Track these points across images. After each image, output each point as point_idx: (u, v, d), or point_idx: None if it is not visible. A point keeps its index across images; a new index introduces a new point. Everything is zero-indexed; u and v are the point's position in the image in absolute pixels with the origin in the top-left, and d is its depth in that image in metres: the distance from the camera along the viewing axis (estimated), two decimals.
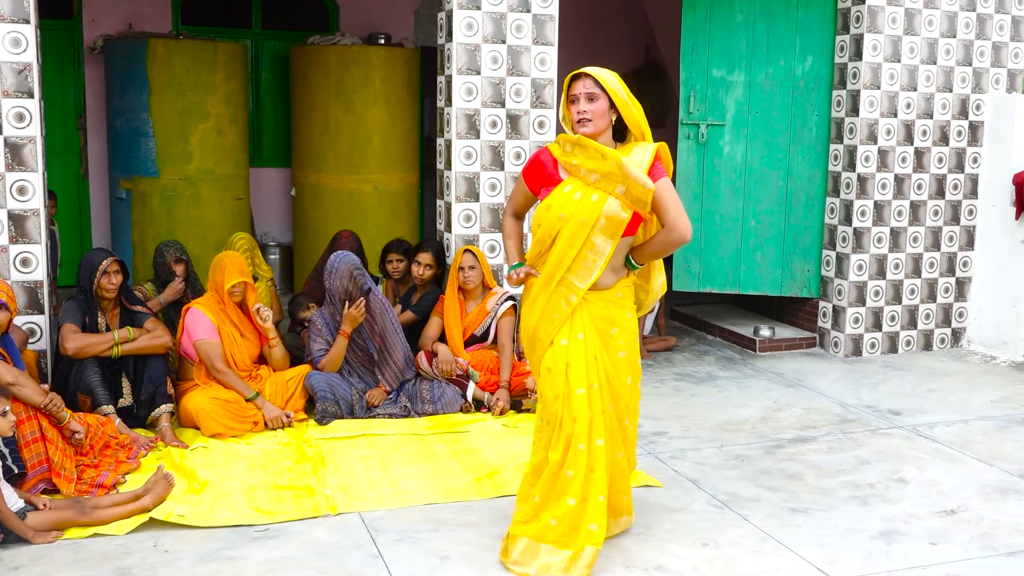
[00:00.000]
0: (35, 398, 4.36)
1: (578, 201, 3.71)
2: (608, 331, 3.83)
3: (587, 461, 3.73)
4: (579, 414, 3.73)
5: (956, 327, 7.53)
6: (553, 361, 3.78)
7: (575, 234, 3.69)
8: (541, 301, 3.79)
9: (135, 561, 3.78)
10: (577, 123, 3.75)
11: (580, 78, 3.75)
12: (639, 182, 3.65)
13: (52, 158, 8.52)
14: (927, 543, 4.09)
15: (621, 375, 3.87)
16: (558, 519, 3.72)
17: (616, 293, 3.86)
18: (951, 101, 7.23)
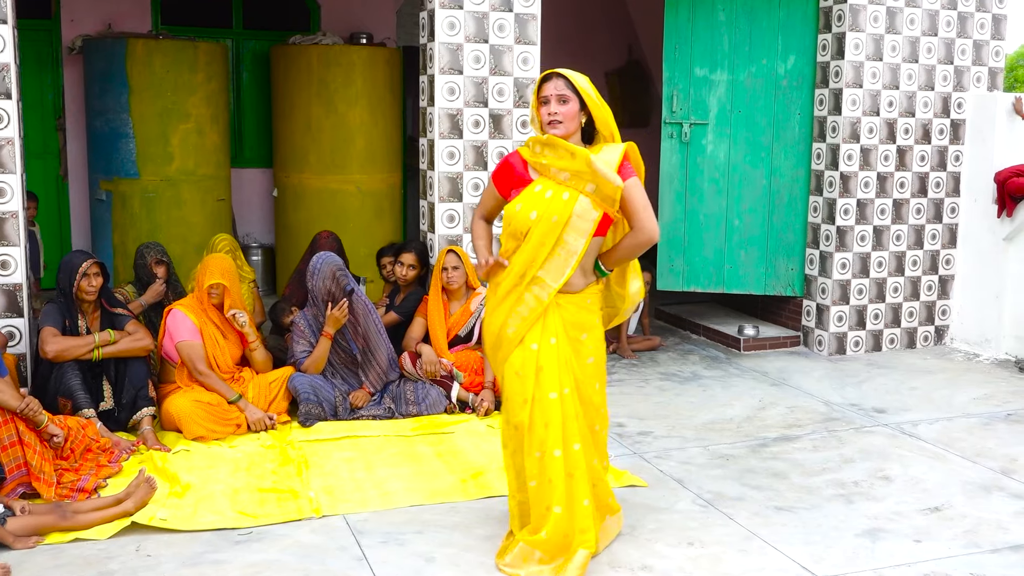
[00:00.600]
0: (11, 403, 4.31)
1: (549, 200, 3.69)
2: (578, 337, 3.81)
3: (565, 467, 3.71)
4: (553, 419, 3.70)
5: (939, 325, 7.55)
6: (522, 365, 3.74)
7: (547, 232, 3.67)
8: (511, 299, 3.75)
9: (117, 566, 3.75)
10: (547, 124, 3.73)
11: (551, 79, 3.74)
12: (608, 179, 3.64)
13: (31, 160, 8.45)
14: (911, 541, 4.09)
15: (591, 381, 3.86)
16: (549, 531, 3.69)
17: (586, 299, 3.83)
18: (933, 99, 7.26)
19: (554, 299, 3.75)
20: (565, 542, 3.71)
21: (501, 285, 3.78)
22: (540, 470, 3.72)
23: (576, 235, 3.69)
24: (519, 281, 3.73)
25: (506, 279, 3.76)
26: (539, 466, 3.72)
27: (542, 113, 3.76)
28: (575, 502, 3.72)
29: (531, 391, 3.73)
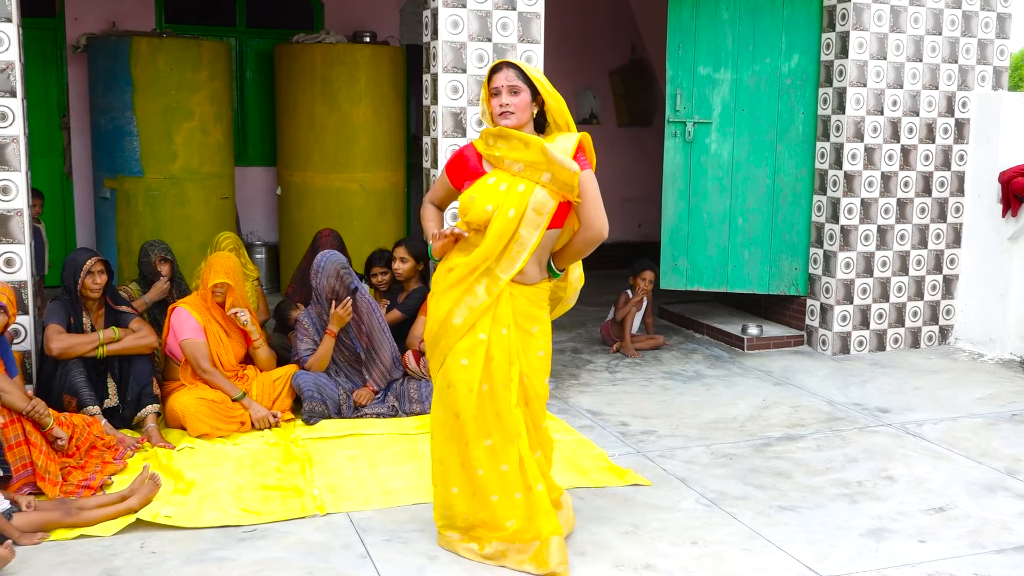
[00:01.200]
0: (19, 404, 4.33)
1: (504, 192, 3.65)
2: (529, 329, 3.78)
3: (519, 452, 3.72)
4: (504, 409, 3.69)
5: (943, 324, 7.55)
6: (470, 353, 3.71)
7: (504, 227, 3.62)
8: (460, 289, 3.70)
9: (122, 563, 3.75)
10: (499, 116, 3.68)
11: (502, 69, 3.70)
12: (565, 166, 3.59)
13: (35, 158, 8.46)
14: (916, 541, 4.09)
15: (539, 375, 3.83)
16: (516, 518, 3.71)
17: (539, 292, 3.80)
18: (937, 98, 7.25)
19: (508, 289, 3.71)
20: (532, 526, 3.71)
21: (452, 272, 3.73)
22: (493, 459, 3.71)
23: (530, 229, 3.65)
24: (470, 272, 3.68)
25: (457, 268, 3.71)
26: (491, 455, 3.71)
27: (493, 104, 3.70)
28: (532, 486, 3.72)
29: (478, 381, 3.69)
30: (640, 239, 10.93)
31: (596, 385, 6.34)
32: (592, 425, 5.52)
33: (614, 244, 10.97)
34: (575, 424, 5.49)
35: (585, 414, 5.72)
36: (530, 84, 3.68)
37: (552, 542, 3.70)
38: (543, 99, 3.71)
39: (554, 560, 3.69)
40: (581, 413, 5.73)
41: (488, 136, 3.74)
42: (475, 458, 3.74)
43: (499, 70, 3.70)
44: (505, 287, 3.70)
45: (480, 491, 3.77)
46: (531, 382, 3.79)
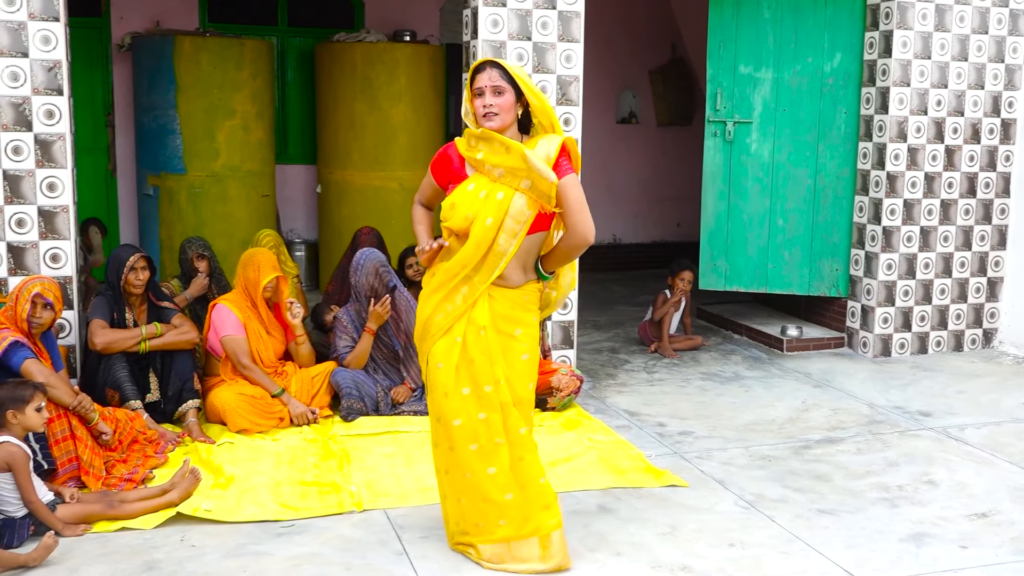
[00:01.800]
0: (65, 399, 4.41)
1: (483, 200, 3.57)
2: (511, 332, 3.69)
3: (511, 453, 3.67)
4: (490, 411, 3.65)
5: (987, 328, 7.44)
6: (445, 356, 3.67)
7: (482, 236, 3.56)
8: (441, 293, 3.67)
9: (162, 555, 3.80)
10: (483, 117, 3.58)
11: (485, 68, 3.59)
12: (543, 175, 3.52)
13: (81, 155, 8.57)
14: (957, 546, 4.04)
15: (523, 379, 3.73)
16: (508, 518, 3.69)
17: (523, 295, 3.72)
18: (983, 98, 7.15)
19: (486, 291, 3.65)
20: (528, 524, 3.68)
21: (435, 277, 3.70)
22: (480, 462, 3.67)
23: (508, 237, 3.58)
24: (451, 279, 3.64)
25: (439, 274, 3.68)
26: (478, 458, 3.67)
27: (476, 105, 3.60)
28: (528, 484, 3.68)
29: (453, 384, 3.66)
30: (679, 239, 10.88)
31: (634, 385, 6.32)
32: (629, 425, 5.50)
33: (653, 244, 10.94)
34: (612, 424, 5.48)
35: (622, 414, 5.70)
36: (514, 84, 3.59)
37: (554, 537, 3.68)
38: (527, 100, 3.62)
39: (558, 554, 3.68)
40: (618, 413, 5.72)
41: (470, 137, 3.65)
42: (462, 463, 3.70)
43: (482, 70, 3.59)
44: (483, 293, 3.64)
45: (468, 495, 3.74)
46: (511, 385, 3.70)
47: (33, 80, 5.06)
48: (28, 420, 3.94)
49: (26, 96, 5.06)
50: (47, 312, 4.55)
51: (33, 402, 3.94)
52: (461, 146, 3.70)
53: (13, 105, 5.05)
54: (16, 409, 3.91)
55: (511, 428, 3.69)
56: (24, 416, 3.92)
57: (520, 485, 3.70)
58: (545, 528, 3.70)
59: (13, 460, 3.85)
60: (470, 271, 3.62)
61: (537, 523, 3.70)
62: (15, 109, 5.06)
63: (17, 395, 3.93)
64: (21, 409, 3.91)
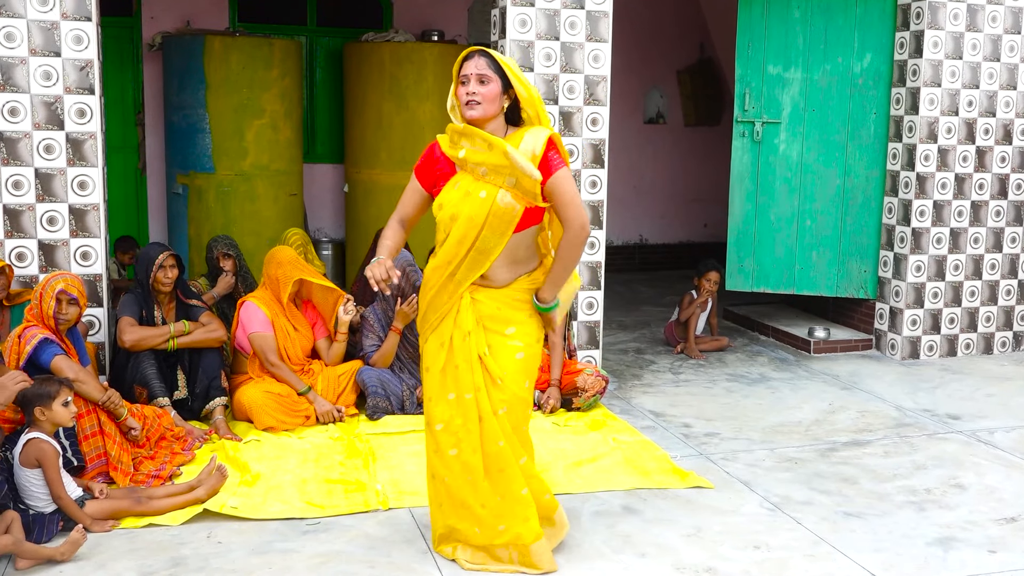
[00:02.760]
0: (94, 394, 4.45)
1: (467, 199, 3.52)
2: (502, 331, 3.63)
3: (486, 465, 3.63)
4: (470, 417, 3.60)
5: (1018, 330, 7.36)
6: (434, 360, 3.64)
7: (465, 234, 3.52)
8: (431, 292, 3.64)
9: (189, 552, 3.83)
10: (465, 105, 3.49)
11: (472, 57, 3.50)
12: (527, 172, 3.45)
13: (111, 153, 8.67)
14: (985, 551, 4.00)
15: (518, 377, 3.64)
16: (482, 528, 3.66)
17: (512, 295, 3.64)
18: (1015, 99, 7.07)
19: (470, 294, 3.60)
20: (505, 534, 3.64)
21: (431, 280, 3.66)
22: (460, 469, 3.64)
23: (493, 235, 3.52)
24: (439, 276, 3.61)
25: (434, 275, 3.64)
26: (458, 464, 3.64)
27: (460, 93, 3.51)
28: (509, 494, 3.63)
29: (437, 388, 3.63)
30: (706, 239, 10.84)
31: (659, 386, 6.30)
32: (655, 426, 5.49)
33: (679, 244, 10.91)
34: (637, 425, 5.47)
35: (648, 415, 5.69)
36: (502, 75, 3.50)
37: (534, 548, 3.64)
38: (516, 91, 3.54)
39: (544, 563, 3.65)
40: (644, 414, 5.71)
41: (452, 133, 3.57)
42: (443, 467, 3.68)
43: (470, 58, 3.50)
44: (465, 292, 3.60)
45: (449, 499, 3.73)
46: (507, 384, 3.61)
47: (65, 79, 5.12)
48: (56, 416, 3.97)
49: (58, 95, 5.12)
50: (72, 308, 4.58)
51: (59, 397, 3.97)
52: (444, 144, 3.63)
53: (45, 104, 5.11)
54: (43, 406, 3.95)
55: (488, 439, 3.61)
56: (52, 412, 3.96)
57: (499, 495, 3.65)
58: (523, 539, 3.65)
59: (43, 456, 3.89)
60: (453, 268, 3.58)
61: (515, 533, 3.65)
62: (47, 108, 5.11)
63: (43, 392, 3.96)
64: (48, 405, 3.95)
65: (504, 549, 3.68)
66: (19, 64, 5.06)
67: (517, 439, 3.67)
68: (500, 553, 3.69)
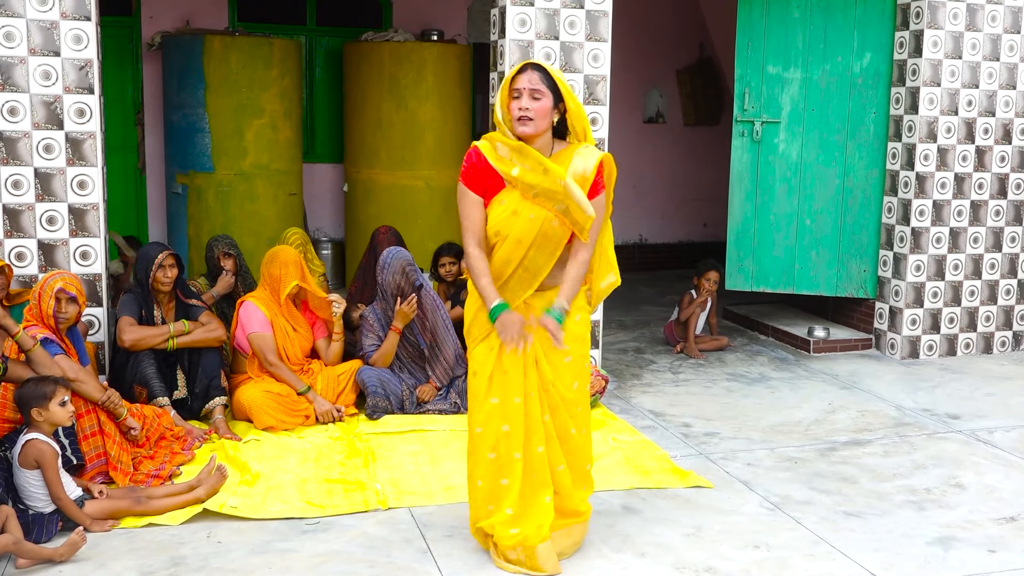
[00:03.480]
0: (94, 394, 4.44)
1: (515, 219, 3.51)
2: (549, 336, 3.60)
3: (524, 469, 3.65)
4: (515, 422, 3.61)
5: (1017, 330, 7.36)
6: (480, 366, 3.64)
7: (511, 255, 3.53)
8: (479, 303, 3.63)
9: (189, 551, 3.83)
10: (517, 121, 3.47)
11: (526, 71, 3.47)
12: (582, 207, 3.46)
13: (110, 153, 8.67)
14: (985, 550, 4.00)
15: (567, 380, 3.67)
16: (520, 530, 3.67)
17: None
18: (1015, 98, 7.07)
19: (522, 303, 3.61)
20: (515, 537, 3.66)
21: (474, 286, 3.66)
22: (494, 471, 3.67)
23: (539, 254, 3.54)
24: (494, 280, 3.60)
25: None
26: (493, 467, 3.67)
27: (512, 108, 3.48)
28: (536, 499, 3.66)
29: (484, 392, 3.64)
30: (705, 239, 10.84)
31: (659, 386, 6.30)
32: (654, 426, 5.49)
33: (679, 244, 10.91)
34: (637, 424, 5.47)
35: (647, 414, 5.69)
36: (554, 89, 3.49)
37: (540, 550, 3.64)
38: (566, 105, 3.54)
39: (548, 566, 3.66)
40: (643, 413, 5.71)
41: (506, 148, 3.53)
42: (477, 467, 3.72)
43: (523, 71, 3.47)
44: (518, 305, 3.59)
45: (478, 502, 3.76)
46: (559, 389, 3.66)
47: (64, 79, 5.12)
48: (53, 416, 3.97)
49: (57, 95, 5.12)
50: (72, 306, 4.58)
51: (56, 397, 3.96)
52: (488, 154, 3.57)
53: (45, 103, 5.11)
54: (40, 407, 3.94)
55: (530, 444, 3.65)
56: (49, 412, 3.95)
57: (526, 503, 3.68)
58: (530, 541, 3.66)
59: (42, 457, 3.89)
60: (502, 283, 3.59)
61: (524, 535, 3.67)
62: (47, 107, 5.11)
63: (39, 392, 3.95)
64: (44, 406, 3.94)
65: (513, 551, 3.69)
66: (18, 64, 5.06)
67: (559, 445, 3.70)
68: (510, 554, 3.70)
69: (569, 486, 3.78)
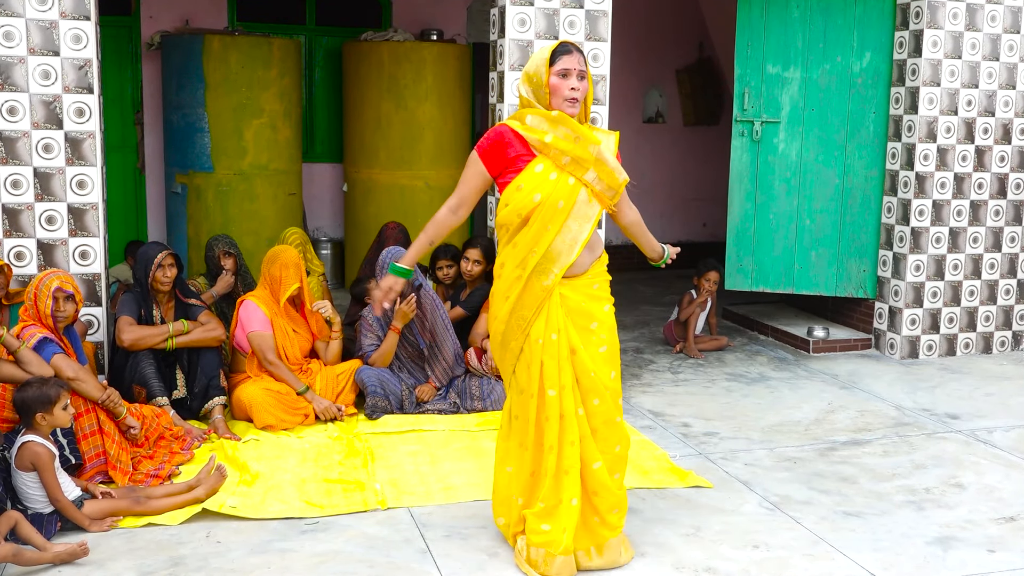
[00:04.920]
0: (94, 393, 4.44)
1: (554, 183, 3.53)
2: (587, 326, 3.65)
3: (557, 463, 3.64)
4: (551, 415, 3.62)
5: (1016, 330, 7.36)
6: (529, 359, 3.64)
7: (551, 218, 3.53)
8: (516, 289, 3.61)
9: (188, 551, 3.83)
10: (567, 100, 3.54)
11: (573, 52, 3.54)
12: (614, 171, 3.59)
13: (110, 153, 8.67)
14: (985, 550, 4.00)
15: (604, 370, 3.69)
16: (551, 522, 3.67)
17: (592, 283, 3.67)
18: (1014, 98, 7.07)
19: (559, 290, 3.61)
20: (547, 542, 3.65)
21: (503, 276, 3.65)
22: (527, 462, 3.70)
23: (580, 222, 3.56)
24: (523, 267, 3.58)
25: (506, 267, 3.63)
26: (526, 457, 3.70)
27: (562, 86, 3.53)
28: (563, 499, 3.65)
29: (536, 385, 3.64)
30: (705, 239, 10.84)
31: (658, 385, 6.30)
32: (654, 426, 5.49)
33: (679, 244, 10.87)
34: (637, 424, 5.47)
35: (647, 414, 5.69)
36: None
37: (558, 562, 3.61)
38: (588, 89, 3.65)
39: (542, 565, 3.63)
40: (643, 413, 5.70)
41: (537, 117, 3.57)
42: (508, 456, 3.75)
43: (569, 52, 3.54)
44: (556, 283, 3.59)
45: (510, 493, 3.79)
46: (597, 380, 3.67)
47: (64, 78, 5.11)
48: (57, 420, 3.97)
49: (57, 94, 5.12)
50: (69, 304, 4.57)
51: (60, 401, 3.96)
52: (519, 126, 3.59)
53: (44, 103, 5.11)
54: (44, 412, 3.93)
55: (565, 439, 3.64)
56: (52, 416, 3.95)
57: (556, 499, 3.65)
58: (552, 548, 3.63)
59: (38, 460, 3.87)
60: (538, 257, 3.55)
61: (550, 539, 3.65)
62: (46, 107, 5.11)
63: (44, 396, 3.94)
64: (49, 411, 3.93)
65: (537, 549, 3.67)
66: (18, 63, 5.05)
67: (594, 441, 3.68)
68: (533, 552, 3.68)
69: (607, 483, 3.70)
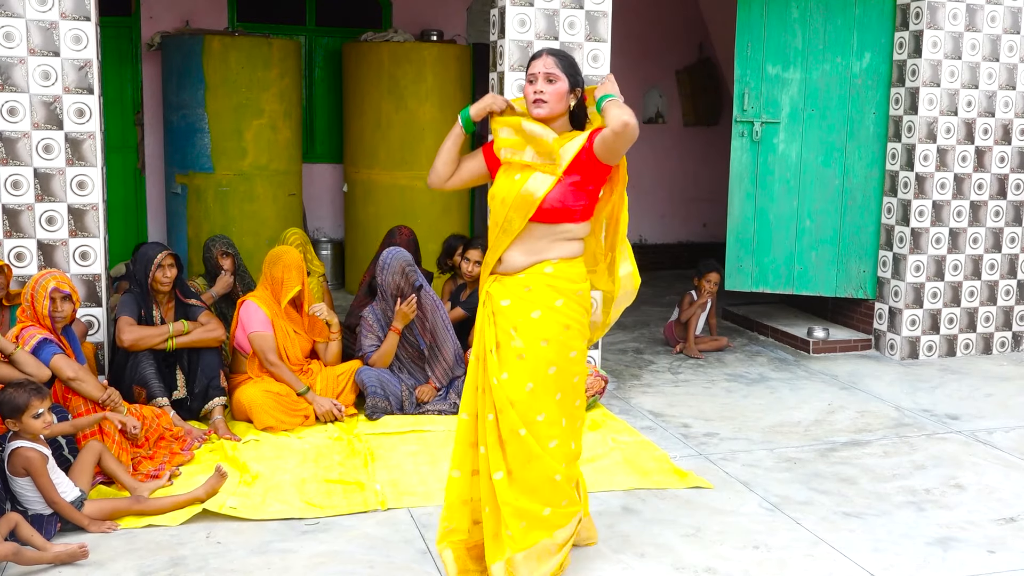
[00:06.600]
0: (94, 393, 4.44)
1: (506, 182, 3.54)
2: (507, 330, 3.47)
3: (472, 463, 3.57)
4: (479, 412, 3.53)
5: (1017, 330, 7.36)
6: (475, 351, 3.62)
7: (495, 215, 3.53)
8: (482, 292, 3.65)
9: (188, 552, 3.83)
10: (532, 103, 3.47)
11: (541, 56, 3.49)
12: (535, 134, 3.43)
13: (110, 153, 8.66)
14: (985, 551, 4.00)
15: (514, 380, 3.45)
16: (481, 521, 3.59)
17: (524, 285, 3.49)
18: (1014, 99, 7.07)
19: (484, 287, 3.56)
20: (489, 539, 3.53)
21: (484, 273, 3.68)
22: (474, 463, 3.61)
23: (518, 213, 3.46)
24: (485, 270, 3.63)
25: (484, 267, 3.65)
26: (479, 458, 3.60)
27: (527, 91, 3.49)
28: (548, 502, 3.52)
29: (471, 377, 3.58)
30: (705, 239, 10.85)
31: (658, 386, 6.30)
32: (654, 426, 5.49)
33: (679, 244, 10.91)
34: (637, 425, 5.47)
35: (647, 415, 5.69)
36: (570, 74, 3.49)
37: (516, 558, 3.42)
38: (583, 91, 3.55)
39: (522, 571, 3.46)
40: (643, 414, 5.71)
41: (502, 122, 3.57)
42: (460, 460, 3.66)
43: (538, 57, 3.50)
44: (489, 285, 3.55)
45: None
46: (501, 387, 3.45)
47: (64, 79, 5.11)
48: (27, 427, 3.84)
49: (57, 95, 5.12)
50: (67, 304, 4.57)
51: (29, 410, 3.82)
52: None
53: (44, 104, 5.11)
54: (13, 419, 3.83)
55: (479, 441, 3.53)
56: (22, 424, 3.83)
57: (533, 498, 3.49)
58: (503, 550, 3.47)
59: (29, 465, 3.84)
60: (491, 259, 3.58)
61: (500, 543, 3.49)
62: (46, 108, 5.11)
63: (13, 404, 3.80)
64: (18, 418, 3.82)
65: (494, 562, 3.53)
66: (18, 64, 5.06)
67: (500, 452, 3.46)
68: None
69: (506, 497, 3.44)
